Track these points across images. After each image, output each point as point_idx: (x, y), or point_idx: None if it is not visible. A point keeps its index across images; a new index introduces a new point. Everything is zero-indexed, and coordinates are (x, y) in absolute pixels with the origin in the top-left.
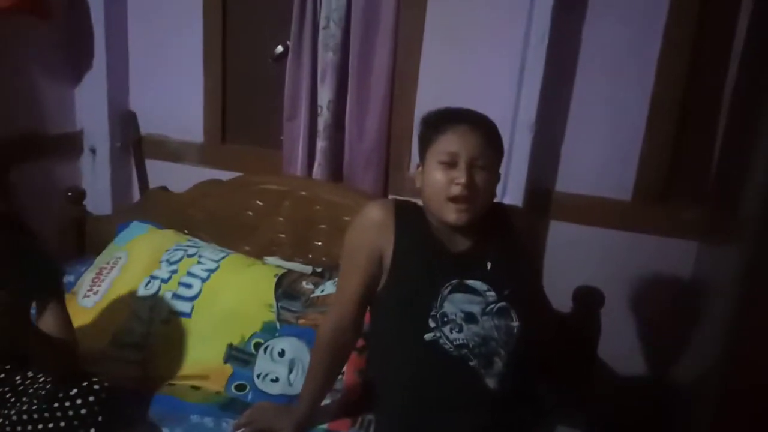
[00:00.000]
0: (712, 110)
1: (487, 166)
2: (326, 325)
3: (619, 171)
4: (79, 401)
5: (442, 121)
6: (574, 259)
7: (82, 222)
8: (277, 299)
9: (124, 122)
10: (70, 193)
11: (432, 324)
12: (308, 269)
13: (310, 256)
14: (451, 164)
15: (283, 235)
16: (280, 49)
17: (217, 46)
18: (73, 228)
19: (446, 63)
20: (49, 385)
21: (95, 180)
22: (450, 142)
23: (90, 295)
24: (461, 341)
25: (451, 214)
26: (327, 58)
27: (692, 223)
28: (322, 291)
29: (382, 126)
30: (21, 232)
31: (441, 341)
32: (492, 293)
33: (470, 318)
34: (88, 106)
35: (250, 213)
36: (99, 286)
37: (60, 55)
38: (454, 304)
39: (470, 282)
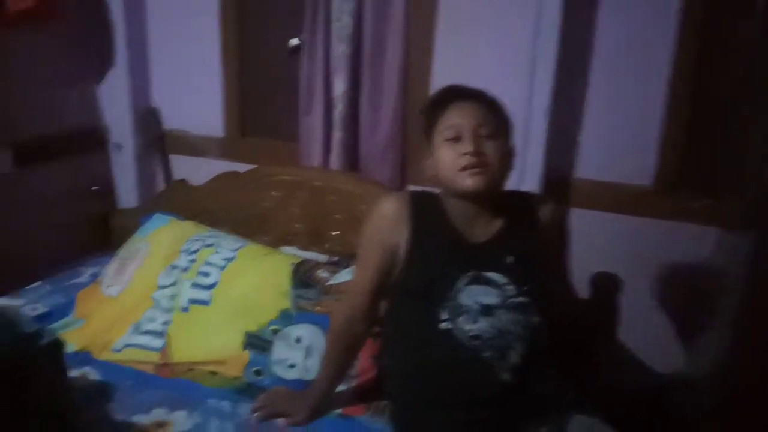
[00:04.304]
0: (731, 93)
1: (494, 134)
2: (339, 314)
3: (639, 156)
4: None
5: (438, 101)
6: (593, 246)
7: (107, 216)
8: (293, 287)
9: (148, 118)
10: (96, 188)
11: (446, 315)
12: (323, 258)
13: (326, 245)
14: (456, 139)
15: (299, 225)
16: (294, 42)
17: (235, 41)
18: (99, 221)
19: (459, 51)
20: None
21: (122, 175)
22: (450, 117)
23: (114, 285)
24: (476, 332)
25: (466, 180)
26: (340, 50)
27: (713, 208)
28: (339, 279)
29: (396, 117)
30: None
31: (454, 331)
32: (511, 287)
33: (486, 310)
34: (112, 104)
35: (267, 204)
36: (122, 275)
37: (82, 54)
38: (470, 296)
39: (489, 274)
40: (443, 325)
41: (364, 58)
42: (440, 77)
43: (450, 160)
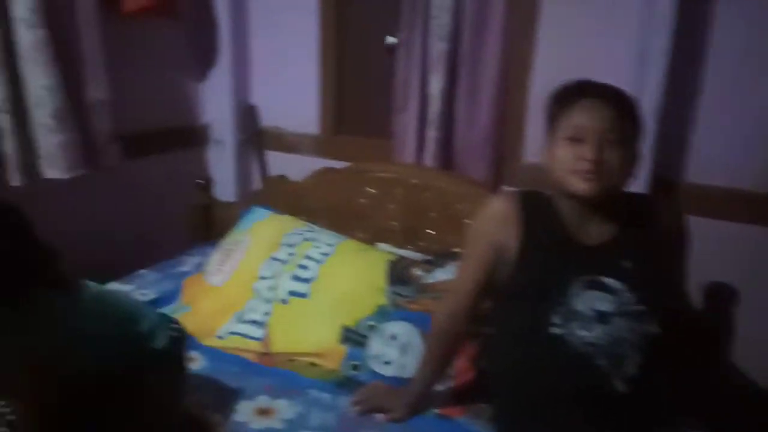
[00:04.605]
0: None
1: (621, 141)
2: (441, 313)
3: (755, 161)
4: None
5: (568, 94)
6: (706, 256)
7: (210, 208)
8: (390, 284)
9: (246, 116)
10: (200, 181)
11: (558, 319)
12: (419, 256)
13: (421, 243)
14: (578, 139)
15: (394, 223)
16: (391, 40)
17: (332, 41)
18: (201, 213)
19: (562, 49)
20: None
21: (220, 169)
22: (577, 116)
23: (218, 274)
24: (590, 339)
25: (579, 184)
26: (438, 47)
27: None
28: (434, 278)
29: (493, 115)
30: None
31: (567, 337)
32: (630, 294)
33: (602, 317)
34: (214, 101)
35: (363, 200)
36: (225, 266)
37: (189, 53)
38: (584, 301)
39: (606, 280)
40: (554, 330)
41: (462, 56)
42: (542, 74)
43: (566, 160)
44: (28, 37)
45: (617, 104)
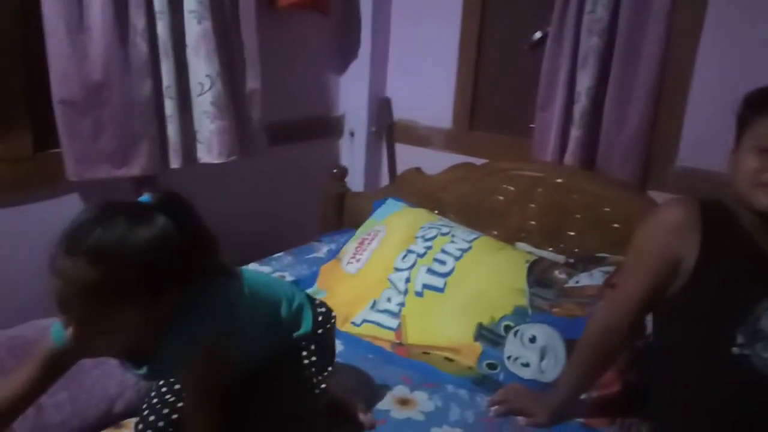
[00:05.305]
0: None
1: None
2: (597, 322)
3: None
4: None
5: (762, 99)
6: None
7: (342, 197)
8: (529, 285)
9: (380, 108)
10: (335, 171)
11: (741, 339)
12: (561, 258)
13: (562, 245)
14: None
15: (533, 222)
16: (538, 35)
17: (474, 37)
18: (334, 201)
19: (731, 51)
20: None
21: (352, 160)
22: None
23: (353, 262)
24: None
25: (762, 198)
26: (590, 42)
27: None
28: (577, 282)
29: (646, 116)
30: None
31: (752, 358)
32: None
33: None
34: (351, 93)
35: (501, 198)
36: (361, 255)
37: (332, 47)
38: None
39: None
40: (737, 350)
41: (616, 52)
42: (705, 78)
43: (750, 171)
44: (194, 28)
45: None
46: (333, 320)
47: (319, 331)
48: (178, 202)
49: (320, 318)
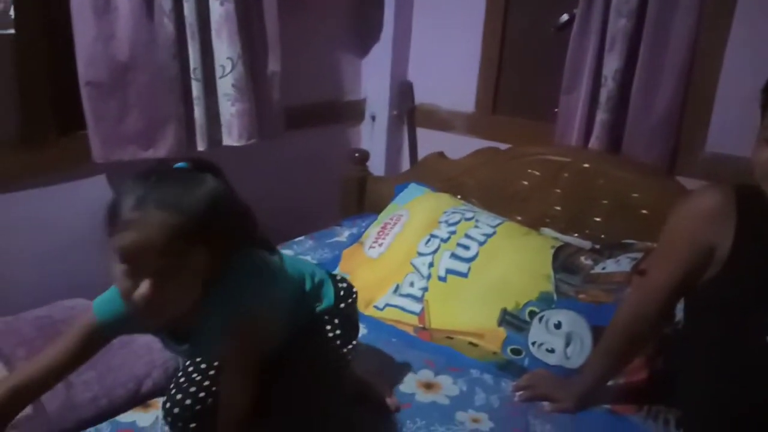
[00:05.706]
0: None
1: None
2: (626, 309)
3: None
4: None
5: None
6: None
7: (363, 181)
8: (555, 271)
9: (402, 92)
10: (357, 154)
11: None
12: (586, 244)
13: (587, 231)
14: None
15: (558, 208)
16: (565, 17)
17: (499, 19)
18: (355, 185)
19: (763, 35)
20: None
21: (373, 144)
22: None
23: (375, 247)
24: None
25: None
26: (619, 24)
27: None
28: (603, 268)
29: (674, 100)
30: None
31: None
32: None
33: None
34: (373, 76)
35: (525, 183)
36: (383, 239)
37: (353, 30)
38: None
39: None
40: None
41: (645, 35)
42: (734, 64)
43: (762, 162)
44: (218, 10)
45: None
46: (355, 295)
47: (342, 305)
48: (217, 169)
49: (342, 293)
